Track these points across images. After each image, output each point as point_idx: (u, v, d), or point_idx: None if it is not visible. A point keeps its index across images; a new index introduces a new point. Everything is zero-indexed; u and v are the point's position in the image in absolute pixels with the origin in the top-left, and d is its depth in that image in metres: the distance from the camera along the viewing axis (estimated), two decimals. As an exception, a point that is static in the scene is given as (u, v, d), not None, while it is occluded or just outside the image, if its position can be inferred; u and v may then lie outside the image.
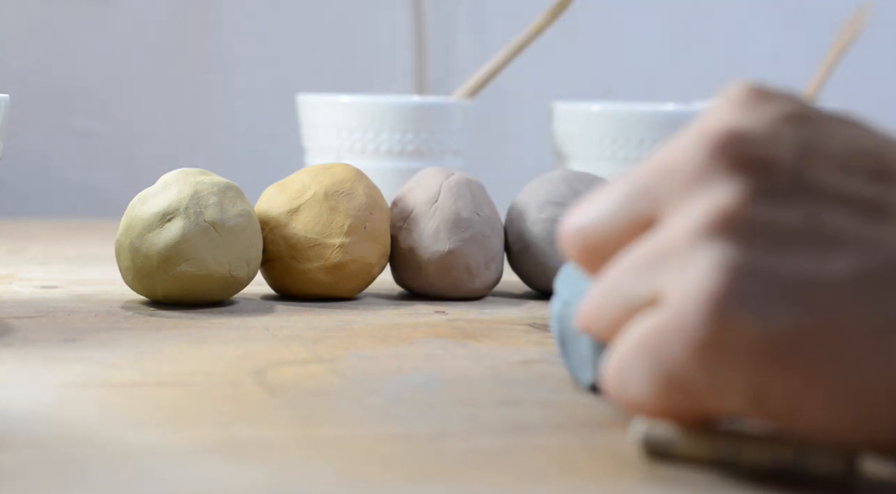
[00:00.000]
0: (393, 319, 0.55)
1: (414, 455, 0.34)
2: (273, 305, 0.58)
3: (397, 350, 0.48)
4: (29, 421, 0.36)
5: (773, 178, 0.31)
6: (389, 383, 0.42)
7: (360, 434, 0.36)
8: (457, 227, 0.60)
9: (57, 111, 1.05)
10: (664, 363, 0.31)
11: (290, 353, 0.47)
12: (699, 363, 0.30)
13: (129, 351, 0.46)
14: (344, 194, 0.59)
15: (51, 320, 0.52)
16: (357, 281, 0.59)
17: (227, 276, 0.56)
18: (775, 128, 0.32)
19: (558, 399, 0.40)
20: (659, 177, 0.33)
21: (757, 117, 0.32)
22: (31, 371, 0.43)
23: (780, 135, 0.32)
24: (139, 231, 0.55)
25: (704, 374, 0.30)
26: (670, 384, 0.31)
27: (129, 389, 0.40)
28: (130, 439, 0.34)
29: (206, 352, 0.46)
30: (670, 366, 0.31)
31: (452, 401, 0.40)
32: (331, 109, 0.77)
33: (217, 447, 0.34)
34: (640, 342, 0.32)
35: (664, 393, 0.31)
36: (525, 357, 0.47)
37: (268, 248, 0.59)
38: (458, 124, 0.78)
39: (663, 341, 0.31)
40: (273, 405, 0.39)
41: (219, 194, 0.56)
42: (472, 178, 0.62)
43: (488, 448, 0.34)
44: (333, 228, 0.58)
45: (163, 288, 0.55)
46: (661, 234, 0.32)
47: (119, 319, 0.53)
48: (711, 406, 0.31)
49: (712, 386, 0.31)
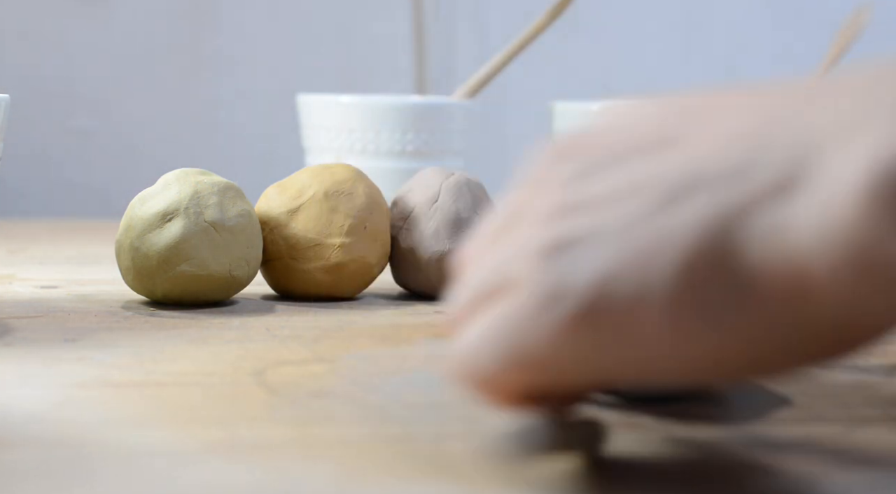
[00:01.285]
0: (393, 319, 0.55)
1: (414, 455, 0.34)
2: (273, 305, 0.58)
3: (397, 350, 0.48)
4: (29, 421, 0.36)
5: (584, 161, 0.33)
6: (389, 383, 0.42)
7: (360, 434, 0.36)
8: (457, 227, 0.60)
9: (57, 111, 1.05)
10: (519, 342, 0.32)
11: (290, 353, 0.47)
12: (542, 337, 0.31)
13: (129, 351, 0.46)
14: (344, 194, 0.59)
15: (51, 320, 0.52)
16: (357, 281, 0.59)
17: (227, 276, 0.56)
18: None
19: (558, 399, 0.40)
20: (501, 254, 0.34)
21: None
22: (31, 371, 0.43)
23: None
24: (139, 231, 0.55)
25: (555, 349, 0.31)
26: (525, 361, 0.32)
27: (129, 389, 0.40)
28: (130, 439, 0.34)
29: (206, 352, 0.46)
30: (525, 345, 0.32)
31: (452, 401, 0.40)
32: (331, 109, 0.77)
33: (217, 447, 0.34)
34: (494, 323, 0.32)
35: (518, 370, 0.32)
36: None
37: (268, 248, 0.59)
38: (458, 124, 0.78)
39: (510, 318, 0.32)
40: (273, 405, 0.39)
41: (219, 194, 0.56)
42: (472, 178, 0.62)
43: (488, 448, 0.34)
44: (333, 228, 0.58)
45: (163, 288, 0.55)
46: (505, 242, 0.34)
47: (119, 319, 0.53)
48: (564, 381, 0.32)
49: (561, 360, 0.31)
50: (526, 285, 0.32)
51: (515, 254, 0.33)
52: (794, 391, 0.42)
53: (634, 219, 0.31)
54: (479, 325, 0.33)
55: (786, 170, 0.29)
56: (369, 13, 1.11)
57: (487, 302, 0.33)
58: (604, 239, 0.31)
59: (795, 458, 0.34)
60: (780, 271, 0.28)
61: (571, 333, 0.31)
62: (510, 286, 0.32)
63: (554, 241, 0.32)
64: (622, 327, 0.30)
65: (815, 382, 0.44)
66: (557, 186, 0.33)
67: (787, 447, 0.35)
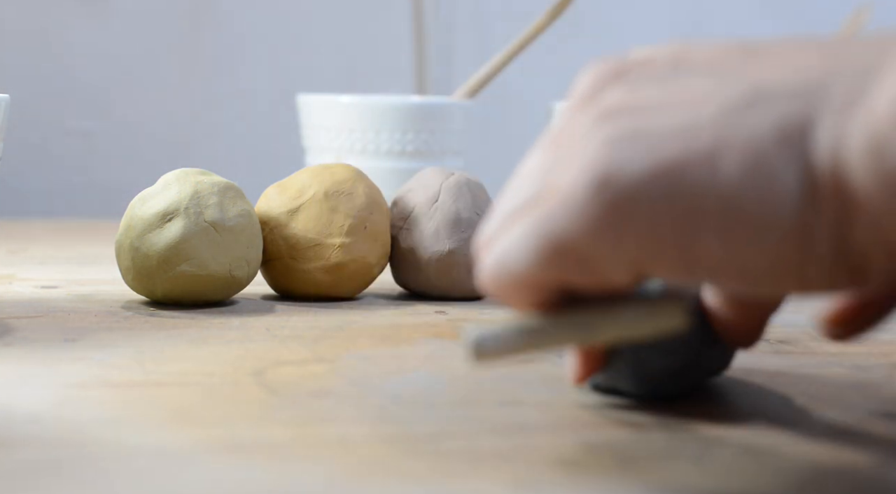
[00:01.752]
0: (393, 319, 0.55)
1: (414, 455, 0.34)
2: (273, 305, 0.58)
3: (397, 350, 0.48)
4: (29, 421, 0.36)
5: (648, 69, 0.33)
6: (389, 383, 0.42)
7: (360, 434, 0.36)
8: (457, 227, 0.60)
9: (57, 111, 1.05)
10: (551, 233, 0.32)
11: (290, 353, 0.47)
12: (587, 230, 0.31)
13: (129, 351, 0.46)
14: (344, 194, 0.59)
15: (51, 320, 0.52)
16: (357, 281, 0.59)
17: (227, 276, 0.56)
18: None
19: (558, 399, 0.40)
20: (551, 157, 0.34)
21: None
22: (31, 371, 0.43)
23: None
24: (139, 231, 0.55)
25: (591, 239, 0.31)
26: (555, 253, 0.32)
27: (129, 389, 0.40)
28: (130, 439, 0.34)
29: (206, 352, 0.46)
30: (557, 235, 0.32)
31: (452, 401, 0.40)
32: (331, 109, 0.77)
33: (217, 447, 0.34)
34: (532, 223, 0.32)
35: (547, 261, 0.32)
36: (525, 357, 0.47)
37: (268, 248, 0.59)
38: (458, 124, 0.78)
39: (551, 215, 0.32)
40: (273, 405, 0.39)
41: (219, 194, 0.56)
42: (472, 178, 0.62)
43: (488, 448, 0.34)
44: (333, 228, 0.58)
45: (163, 288, 0.55)
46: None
47: (119, 319, 0.53)
48: (596, 273, 0.32)
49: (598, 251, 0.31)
50: (572, 181, 0.31)
51: (559, 161, 0.33)
52: (794, 391, 0.42)
53: (693, 122, 0.31)
54: (515, 229, 0.33)
55: (852, 90, 0.29)
56: (369, 13, 1.11)
57: (526, 211, 0.33)
58: (659, 135, 0.31)
59: (795, 458, 0.34)
60: (831, 181, 0.29)
61: (615, 223, 0.31)
62: (552, 190, 0.32)
63: (604, 137, 0.31)
64: (669, 220, 0.30)
65: (815, 382, 0.44)
66: (607, 96, 0.33)
67: (787, 447, 0.35)
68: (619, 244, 0.31)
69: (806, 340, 0.52)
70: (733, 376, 0.44)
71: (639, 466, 0.33)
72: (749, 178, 0.30)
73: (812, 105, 0.30)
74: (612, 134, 0.31)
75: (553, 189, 0.32)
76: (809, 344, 0.51)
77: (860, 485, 0.32)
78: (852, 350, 0.50)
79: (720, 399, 0.41)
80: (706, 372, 0.41)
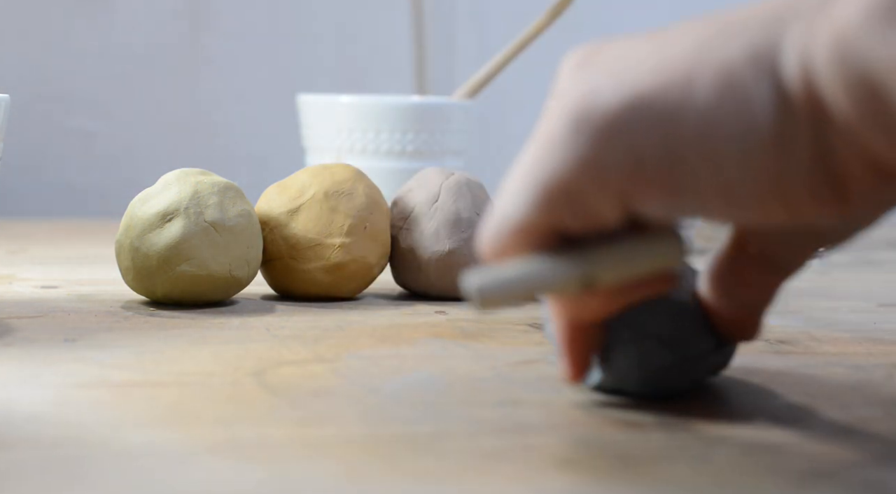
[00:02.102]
0: (393, 319, 0.55)
1: (414, 455, 0.34)
2: (273, 305, 0.58)
3: (397, 350, 0.48)
4: (29, 421, 0.36)
5: (622, 40, 0.34)
6: (389, 383, 0.42)
7: (360, 434, 0.36)
8: (457, 227, 0.60)
9: (57, 111, 1.05)
10: (539, 177, 0.33)
11: (290, 353, 0.47)
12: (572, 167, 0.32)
13: (129, 351, 0.46)
14: (344, 194, 0.59)
15: (51, 320, 0.52)
16: (357, 281, 0.59)
17: (227, 276, 0.56)
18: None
19: (558, 399, 0.40)
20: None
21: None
22: (31, 371, 0.43)
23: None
24: (139, 231, 0.55)
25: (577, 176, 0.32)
26: (545, 195, 0.33)
27: (129, 389, 0.40)
28: (131, 439, 0.34)
29: (206, 352, 0.46)
30: (545, 178, 0.33)
31: (452, 401, 0.40)
32: (331, 109, 0.77)
33: (217, 447, 0.34)
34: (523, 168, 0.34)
35: (539, 206, 0.33)
36: (525, 357, 0.47)
37: (268, 248, 0.59)
38: (458, 124, 0.78)
39: (538, 160, 0.33)
40: (273, 405, 0.39)
41: (219, 194, 0.56)
42: (472, 178, 0.62)
43: (488, 448, 0.34)
44: (333, 228, 0.58)
45: (163, 288, 0.55)
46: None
47: (119, 319, 0.53)
48: (586, 211, 0.33)
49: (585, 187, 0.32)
50: (551, 125, 0.32)
51: (546, 116, 0.33)
52: (794, 391, 0.42)
53: (666, 56, 0.32)
54: (509, 188, 0.34)
55: (819, 3, 0.30)
56: (369, 13, 1.11)
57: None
58: (634, 69, 0.32)
59: (795, 458, 0.34)
60: (803, 91, 0.30)
61: (597, 157, 0.32)
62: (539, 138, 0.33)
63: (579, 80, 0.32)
64: (650, 147, 0.31)
65: (815, 382, 0.44)
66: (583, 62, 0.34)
67: (787, 447, 0.35)
68: (604, 177, 0.32)
69: (806, 340, 0.52)
70: (733, 376, 0.44)
71: (638, 466, 0.33)
72: (724, 97, 0.30)
73: (781, 29, 0.30)
74: (586, 76, 0.33)
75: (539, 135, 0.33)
76: (809, 344, 0.51)
77: (860, 485, 0.32)
78: (852, 350, 0.50)
79: (720, 399, 0.41)
80: (706, 368, 0.41)
